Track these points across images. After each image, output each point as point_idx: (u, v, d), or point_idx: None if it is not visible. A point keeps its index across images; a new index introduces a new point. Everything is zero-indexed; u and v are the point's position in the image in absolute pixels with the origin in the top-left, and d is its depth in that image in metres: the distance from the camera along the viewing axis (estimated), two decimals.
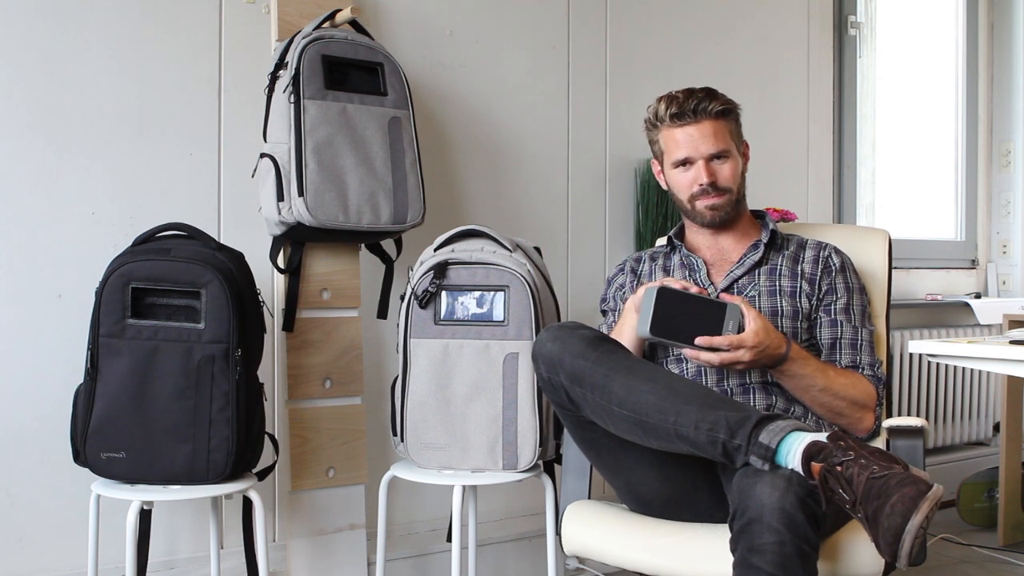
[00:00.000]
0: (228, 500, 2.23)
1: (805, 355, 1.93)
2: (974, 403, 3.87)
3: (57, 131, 2.24)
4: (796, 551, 1.50)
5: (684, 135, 2.03)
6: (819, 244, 2.11)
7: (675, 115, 2.03)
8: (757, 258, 2.07)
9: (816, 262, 2.07)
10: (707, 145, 2.02)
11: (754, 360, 1.86)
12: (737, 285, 2.06)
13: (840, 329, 2.02)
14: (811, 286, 2.05)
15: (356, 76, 2.33)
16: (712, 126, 2.03)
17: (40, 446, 2.20)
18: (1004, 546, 3.26)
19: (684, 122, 2.03)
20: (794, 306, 2.02)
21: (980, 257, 4.14)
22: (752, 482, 1.55)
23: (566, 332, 1.82)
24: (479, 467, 2.18)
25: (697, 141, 2.03)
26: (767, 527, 1.50)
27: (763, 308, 2.01)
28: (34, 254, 2.22)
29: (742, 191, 2.09)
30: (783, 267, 2.07)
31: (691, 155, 2.03)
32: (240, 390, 2.00)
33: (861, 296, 2.08)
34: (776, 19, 3.47)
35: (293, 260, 2.36)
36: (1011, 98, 4.10)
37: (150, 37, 2.34)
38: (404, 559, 2.61)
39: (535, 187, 2.91)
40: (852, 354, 2.02)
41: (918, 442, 1.81)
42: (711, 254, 2.12)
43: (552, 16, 2.95)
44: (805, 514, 1.51)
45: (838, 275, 2.06)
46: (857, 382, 1.97)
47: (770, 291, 2.04)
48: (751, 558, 1.51)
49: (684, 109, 2.02)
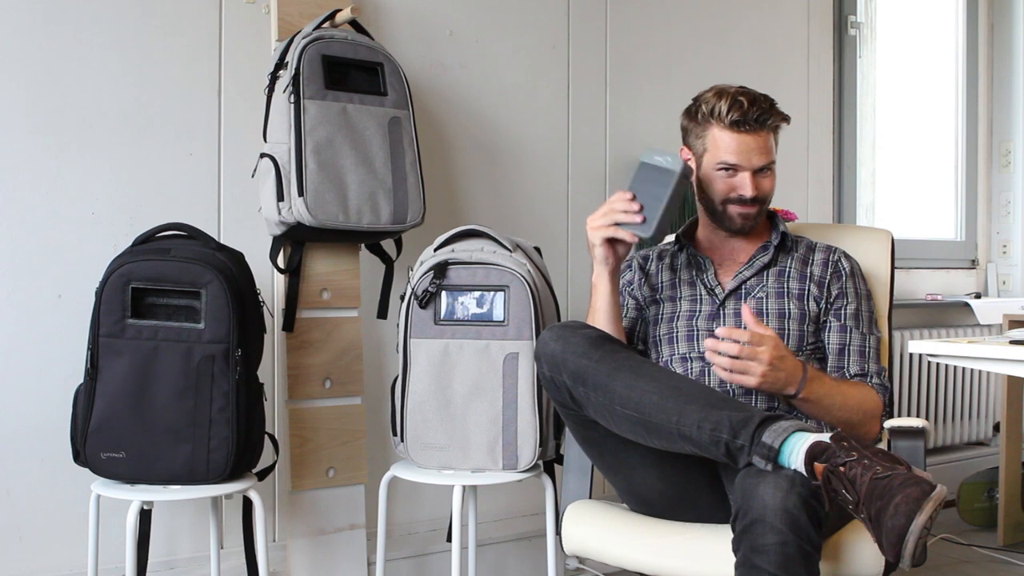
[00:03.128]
0: (228, 500, 2.23)
1: (820, 374, 1.92)
2: (974, 403, 3.87)
3: (57, 131, 2.24)
4: (799, 552, 1.50)
5: (739, 142, 1.98)
6: (828, 248, 2.10)
7: (736, 122, 1.97)
8: (767, 260, 2.06)
9: (826, 265, 2.06)
10: (759, 158, 1.99)
11: (773, 367, 1.82)
12: (745, 286, 2.04)
13: (849, 336, 2.01)
14: (820, 289, 2.03)
15: (356, 76, 2.33)
16: (768, 139, 2.01)
17: (40, 446, 2.20)
18: (1004, 546, 3.26)
19: (743, 130, 1.98)
20: (802, 309, 2.02)
21: (980, 257, 4.14)
22: (755, 482, 1.54)
23: (569, 331, 1.81)
24: (479, 467, 2.18)
25: (751, 152, 1.99)
26: (770, 527, 1.50)
27: (771, 309, 2.00)
28: (34, 254, 2.21)
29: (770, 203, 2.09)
30: (792, 269, 2.05)
31: (741, 163, 1.99)
32: (240, 390, 2.00)
33: (869, 302, 2.07)
34: (776, 19, 3.47)
35: (293, 260, 2.36)
36: (1011, 98, 4.10)
37: (150, 37, 2.34)
38: (404, 559, 2.61)
39: (535, 187, 2.91)
40: (861, 361, 2.01)
41: (919, 443, 1.81)
42: (720, 254, 2.10)
43: (552, 16, 2.95)
44: (808, 514, 1.51)
45: (848, 280, 2.05)
46: (867, 394, 1.97)
47: (778, 292, 2.03)
48: (753, 558, 1.51)
49: (747, 117, 1.97)
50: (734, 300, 2.04)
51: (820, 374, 1.93)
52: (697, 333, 2.02)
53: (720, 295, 2.04)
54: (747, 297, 2.02)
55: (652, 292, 2.13)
